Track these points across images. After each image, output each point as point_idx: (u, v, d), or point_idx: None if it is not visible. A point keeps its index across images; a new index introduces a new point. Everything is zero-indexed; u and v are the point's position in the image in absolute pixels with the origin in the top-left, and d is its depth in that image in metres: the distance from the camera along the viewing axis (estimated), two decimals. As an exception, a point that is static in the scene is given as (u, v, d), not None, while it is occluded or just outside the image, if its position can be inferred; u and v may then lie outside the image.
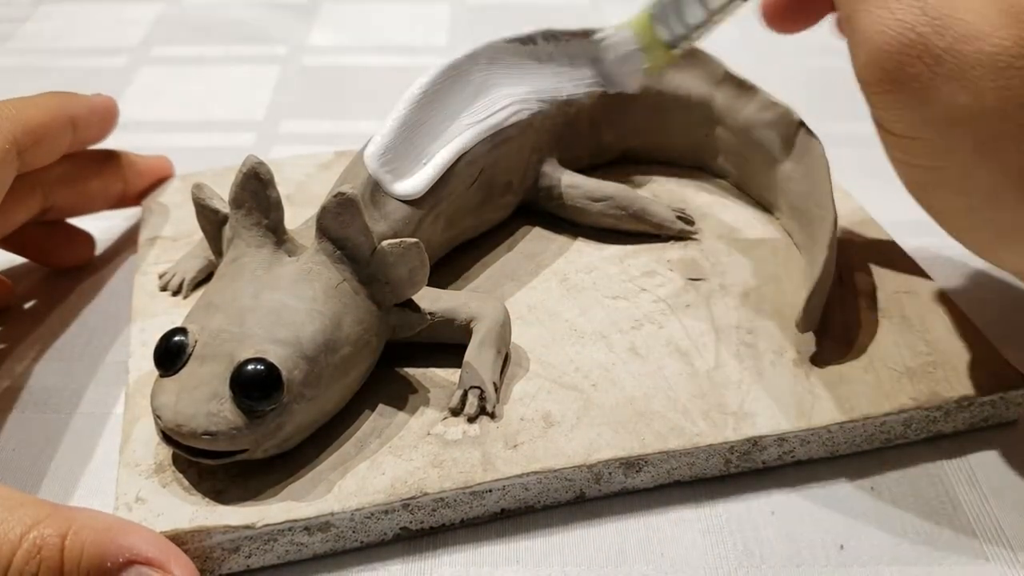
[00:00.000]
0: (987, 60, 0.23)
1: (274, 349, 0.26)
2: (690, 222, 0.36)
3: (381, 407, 0.29)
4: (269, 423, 0.25)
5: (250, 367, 0.25)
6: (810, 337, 0.31)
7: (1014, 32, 0.23)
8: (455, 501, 0.27)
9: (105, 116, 0.36)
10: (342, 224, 0.27)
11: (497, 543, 0.27)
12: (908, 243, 0.36)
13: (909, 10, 0.24)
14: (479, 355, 0.29)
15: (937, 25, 0.23)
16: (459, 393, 0.29)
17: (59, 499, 0.28)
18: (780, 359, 0.30)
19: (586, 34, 0.36)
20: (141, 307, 0.33)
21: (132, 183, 0.38)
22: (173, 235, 0.36)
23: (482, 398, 0.28)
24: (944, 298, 0.33)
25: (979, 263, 0.37)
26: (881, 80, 0.24)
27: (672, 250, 0.35)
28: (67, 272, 0.37)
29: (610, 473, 0.27)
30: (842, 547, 0.27)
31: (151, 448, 0.27)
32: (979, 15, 0.23)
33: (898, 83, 0.24)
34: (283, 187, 0.29)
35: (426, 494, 0.26)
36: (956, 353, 0.30)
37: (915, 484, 0.28)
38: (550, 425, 0.28)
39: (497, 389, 0.29)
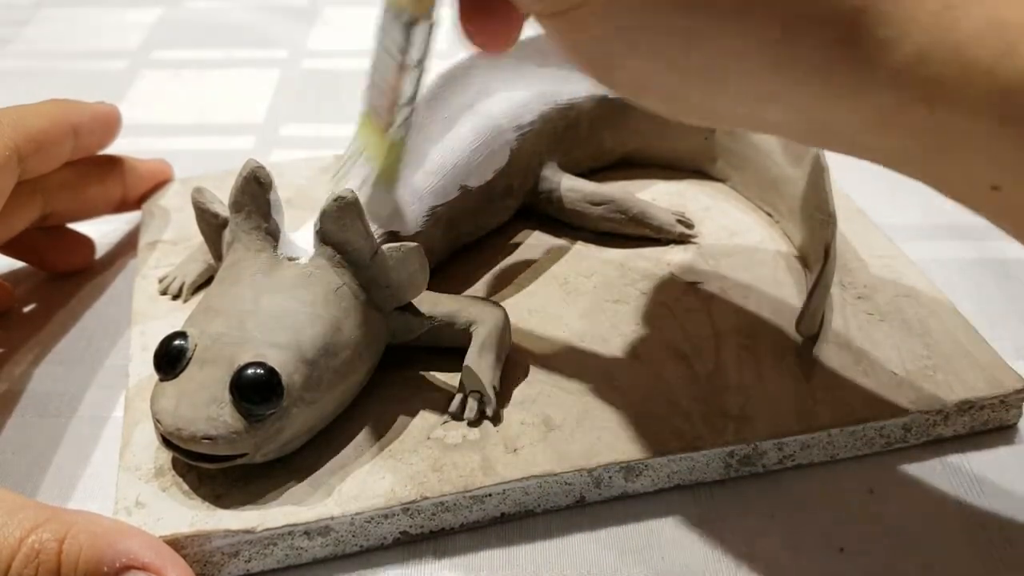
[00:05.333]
0: None
1: (274, 353, 0.26)
2: (690, 225, 0.36)
3: (381, 411, 0.29)
4: (269, 427, 0.25)
5: (250, 371, 0.25)
6: (810, 341, 0.31)
7: None
8: (455, 505, 0.27)
9: (107, 124, 0.36)
10: (342, 228, 0.27)
11: (497, 547, 0.27)
12: (908, 246, 0.36)
13: None
14: (479, 359, 0.29)
15: None
16: (459, 397, 0.29)
17: (58, 503, 0.28)
18: (780, 363, 0.30)
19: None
20: (141, 311, 0.33)
21: (132, 187, 0.38)
22: (173, 239, 0.36)
23: (482, 402, 0.28)
24: (944, 302, 0.33)
25: (978, 265, 0.37)
26: None
27: (672, 253, 0.35)
28: (67, 276, 0.37)
29: (610, 477, 0.27)
30: (842, 550, 0.27)
31: (151, 452, 0.27)
32: None
33: None
34: (283, 191, 0.29)
35: (426, 498, 0.26)
36: (956, 357, 0.30)
37: (915, 488, 0.28)
38: (550, 429, 0.28)
39: (497, 393, 0.29)
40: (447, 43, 0.41)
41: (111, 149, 0.37)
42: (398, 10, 0.26)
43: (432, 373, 0.30)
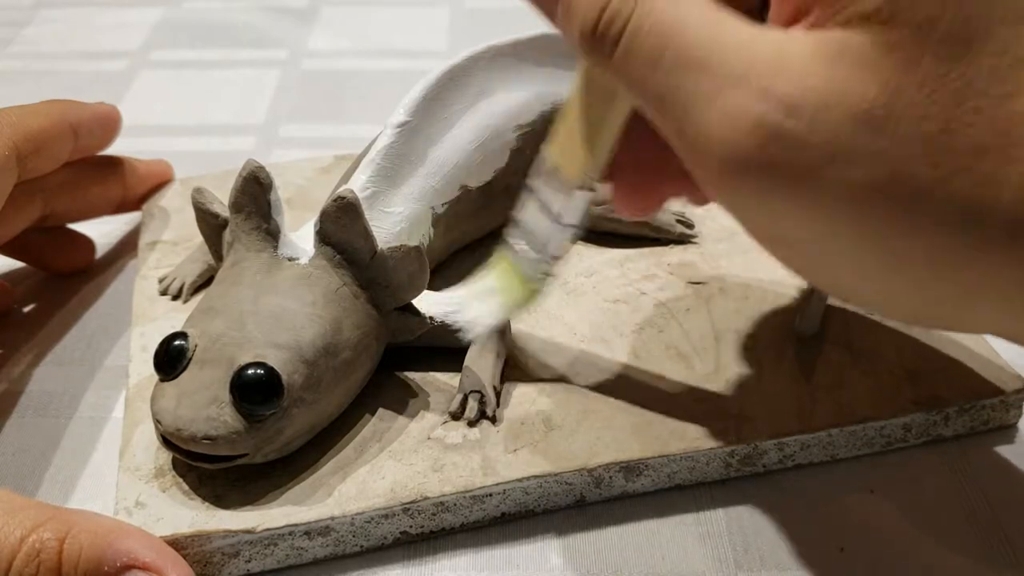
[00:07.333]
0: (861, 120, 0.19)
1: (274, 353, 0.26)
2: (690, 225, 0.36)
3: (381, 411, 0.29)
4: (269, 427, 0.25)
5: (250, 371, 0.25)
6: (810, 341, 0.31)
7: (869, 80, 0.19)
8: (455, 505, 0.27)
9: (107, 124, 0.36)
10: (342, 228, 0.27)
11: (497, 547, 0.27)
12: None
13: (749, 101, 0.19)
14: (479, 359, 0.29)
15: (788, 105, 0.19)
16: (459, 397, 0.29)
17: (58, 503, 0.28)
18: (780, 363, 0.30)
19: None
20: (141, 311, 0.33)
21: (132, 188, 0.38)
22: (173, 239, 0.36)
23: (482, 402, 0.28)
24: (944, 301, 0.33)
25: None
26: (748, 174, 0.20)
27: (672, 254, 0.35)
28: (67, 276, 0.37)
29: (610, 477, 0.27)
30: (842, 550, 0.27)
31: (151, 453, 0.27)
32: (827, 78, 0.19)
33: (771, 177, 0.19)
34: (283, 191, 0.29)
35: (426, 498, 0.26)
36: (956, 356, 0.30)
37: (915, 487, 0.28)
38: (550, 429, 0.28)
39: (497, 393, 0.29)
40: (447, 43, 0.41)
41: (111, 149, 0.37)
42: (563, 176, 0.26)
43: (432, 373, 0.30)
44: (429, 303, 0.29)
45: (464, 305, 0.29)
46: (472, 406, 0.28)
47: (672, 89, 0.20)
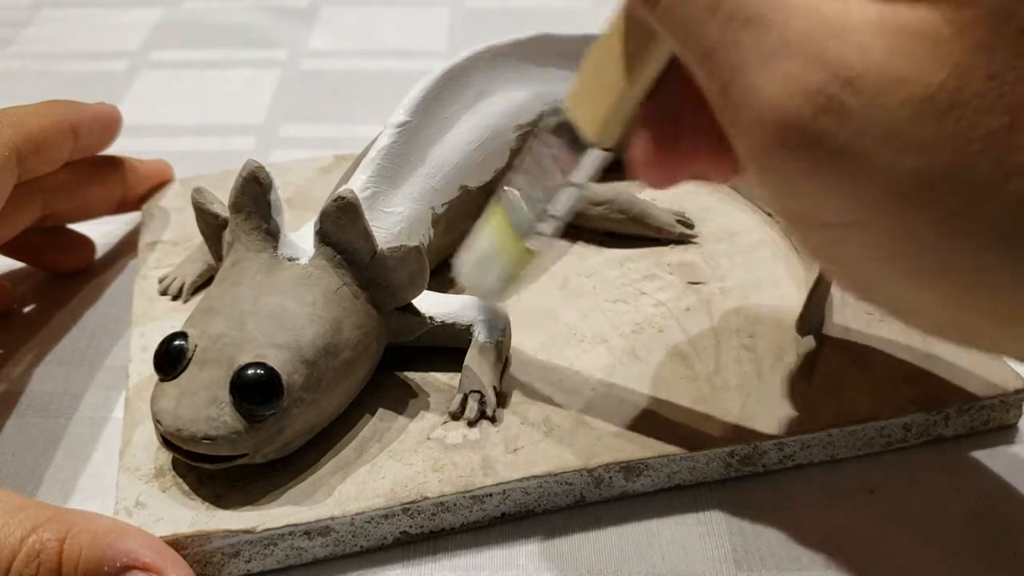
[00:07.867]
0: (923, 104, 0.17)
1: (274, 353, 0.26)
2: (690, 225, 0.36)
3: (381, 411, 0.29)
4: (269, 427, 0.25)
5: (250, 371, 0.25)
6: (810, 340, 0.31)
7: (935, 62, 0.17)
8: (455, 505, 0.27)
9: (107, 124, 0.36)
10: (342, 228, 0.27)
11: (497, 548, 0.27)
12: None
13: (808, 68, 0.18)
14: (479, 359, 0.29)
15: (848, 78, 0.18)
16: (459, 397, 0.29)
17: (58, 503, 0.28)
18: (780, 363, 0.30)
19: (585, 38, 0.36)
20: (141, 311, 0.33)
21: (132, 188, 0.38)
22: (173, 239, 0.36)
23: (482, 402, 0.28)
24: (944, 301, 0.33)
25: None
26: (795, 144, 0.18)
27: (672, 254, 0.35)
28: (67, 276, 0.37)
29: (610, 477, 0.27)
30: (842, 550, 0.26)
31: (151, 453, 0.27)
32: (892, 53, 0.17)
33: (821, 152, 0.18)
34: (283, 191, 0.29)
35: (426, 498, 0.26)
36: (956, 356, 0.30)
37: (915, 488, 0.28)
38: (550, 429, 0.28)
39: (497, 393, 0.29)
40: (447, 43, 0.41)
41: (111, 149, 0.37)
42: (577, 129, 0.24)
43: (432, 373, 0.30)
44: (429, 303, 0.29)
45: (464, 301, 0.29)
46: (472, 406, 0.28)
47: (725, 43, 0.19)
